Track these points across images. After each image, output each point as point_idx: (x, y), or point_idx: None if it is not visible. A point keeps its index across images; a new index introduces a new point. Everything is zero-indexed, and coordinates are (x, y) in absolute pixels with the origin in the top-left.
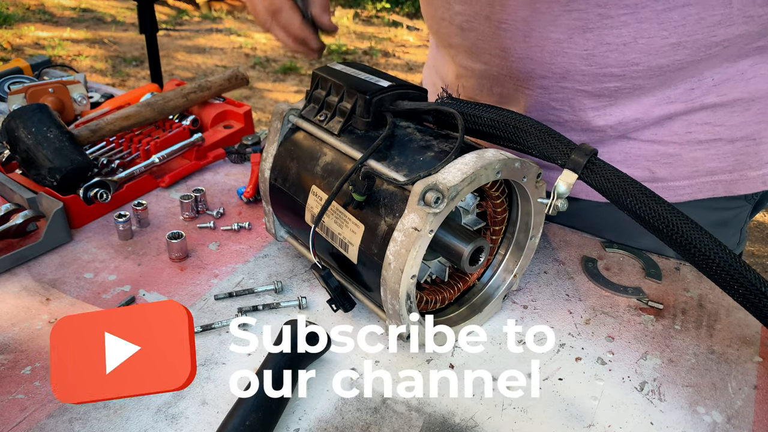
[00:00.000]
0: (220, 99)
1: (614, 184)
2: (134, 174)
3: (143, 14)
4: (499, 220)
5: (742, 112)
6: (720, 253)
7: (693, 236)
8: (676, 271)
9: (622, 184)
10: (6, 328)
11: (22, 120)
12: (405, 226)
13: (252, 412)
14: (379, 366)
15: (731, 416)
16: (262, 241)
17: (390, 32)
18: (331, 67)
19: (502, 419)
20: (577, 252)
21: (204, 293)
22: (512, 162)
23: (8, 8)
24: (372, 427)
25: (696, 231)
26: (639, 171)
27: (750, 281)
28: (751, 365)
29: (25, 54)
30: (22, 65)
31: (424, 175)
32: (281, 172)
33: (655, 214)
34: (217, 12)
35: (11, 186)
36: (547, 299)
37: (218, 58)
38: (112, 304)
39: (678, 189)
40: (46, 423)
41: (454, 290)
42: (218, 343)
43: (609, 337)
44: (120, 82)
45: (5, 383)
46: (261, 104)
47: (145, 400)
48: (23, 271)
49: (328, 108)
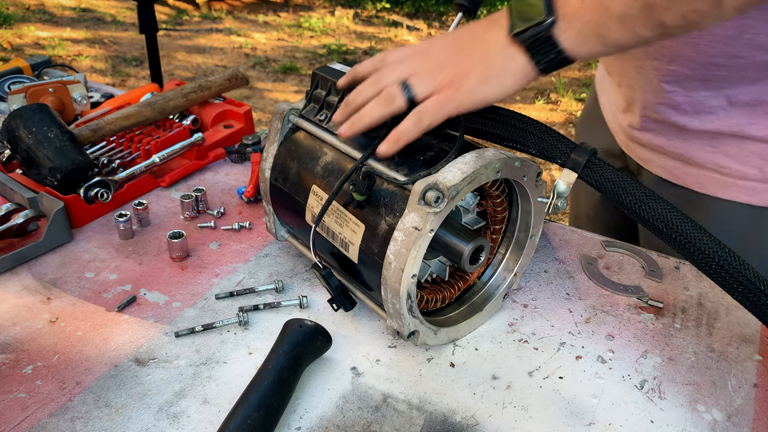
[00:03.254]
0: (220, 99)
1: (614, 184)
2: (135, 174)
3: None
4: (500, 219)
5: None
6: (719, 252)
7: (692, 235)
8: (676, 270)
9: (621, 183)
10: (7, 328)
11: (22, 120)
12: (405, 226)
13: (253, 411)
14: (380, 365)
15: (731, 414)
16: (262, 241)
17: (390, 32)
18: (331, 67)
19: (502, 418)
20: (577, 251)
21: (205, 293)
22: (512, 161)
23: (8, 8)
24: (373, 425)
25: (695, 230)
26: (749, 168)
27: (749, 279)
28: (750, 363)
29: (25, 54)
30: (22, 65)
31: (425, 174)
32: (282, 172)
33: (654, 212)
34: (217, 12)
35: (12, 186)
36: (548, 298)
37: (218, 58)
38: (113, 303)
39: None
40: (47, 422)
41: (454, 289)
42: (219, 342)
43: (609, 336)
44: (120, 82)
45: (6, 382)
46: (261, 104)
47: (146, 399)
48: (24, 271)
49: (328, 108)
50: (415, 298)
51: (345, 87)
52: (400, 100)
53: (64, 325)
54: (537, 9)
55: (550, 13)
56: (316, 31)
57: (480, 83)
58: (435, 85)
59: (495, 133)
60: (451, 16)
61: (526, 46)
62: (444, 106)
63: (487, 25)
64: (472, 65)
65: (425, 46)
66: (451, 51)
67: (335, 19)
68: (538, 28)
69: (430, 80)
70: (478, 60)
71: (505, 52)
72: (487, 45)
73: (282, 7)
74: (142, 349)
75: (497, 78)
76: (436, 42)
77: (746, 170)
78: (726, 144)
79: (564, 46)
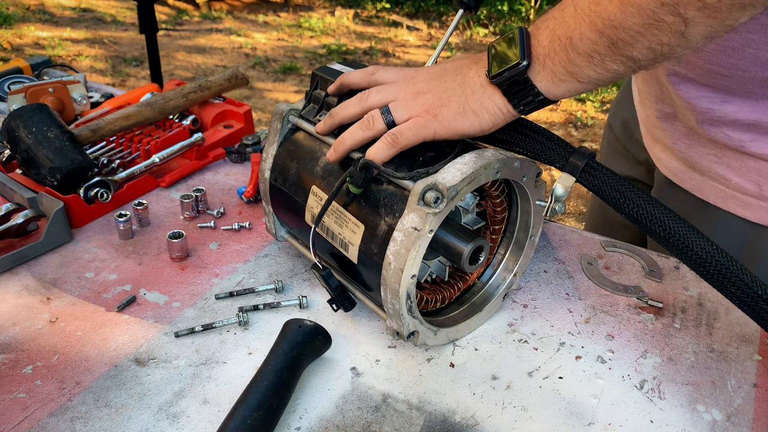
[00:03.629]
0: (220, 99)
1: (612, 188)
2: (135, 174)
3: (143, 14)
4: (499, 219)
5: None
6: (717, 256)
7: (690, 239)
8: (676, 270)
9: (619, 187)
10: (7, 328)
11: (22, 120)
12: (405, 226)
13: (253, 411)
14: (380, 365)
15: (731, 414)
16: (262, 241)
17: (390, 32)
18: (330, 68)
19: (502, 418)
20: (577, 251)
21: (205, 293)
22: (512, 161)
23: (8, 8)
24: (373, 425)
25: (693, 234)
26: (748, 183)
27: (747, 284)
28: (750, 363)
29: (25, 54)
30: (22, 65)
31: (424, 174)
32: (281, 172)
33: (652, 217)
34: (217, 12)
35: (12, 186)
36: (547, 298)
37: (218, 58)
38: (113, 303)
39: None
40: (47, 422)
41: (454, 289)
42: (219, 342)
43: (609, 336)
44: (120, 82)
45: (6, 382)
46: (261, 104)
47: (146, 399)
48: (24, 271)
49: (327, 108)
50: (414, 299)
51: (333, 94)
52: (379, 125)
53: (64, 325)
54: (513, 51)
55: (524, 56)
56: (316, 31)
57: (457, 115)
58: (412, 110)
59: (494, 136)
60: (451, 15)
61: (503, 89)
62: (419, 130)
63: (471, 61)
64: (452, 96)
65: (413, 73)
66: (433, 80)
67: (335, 19)
68: (513, 71)
69: (409, 105)
70: (457, 93)
71: (483, 91)
72: (468, 80)
73: (282, 7)
74: (141, 349)
75: (474, 113)
76: (422, 71)
77: (745, 185)
78: (728, 155)
79: (541, 88)
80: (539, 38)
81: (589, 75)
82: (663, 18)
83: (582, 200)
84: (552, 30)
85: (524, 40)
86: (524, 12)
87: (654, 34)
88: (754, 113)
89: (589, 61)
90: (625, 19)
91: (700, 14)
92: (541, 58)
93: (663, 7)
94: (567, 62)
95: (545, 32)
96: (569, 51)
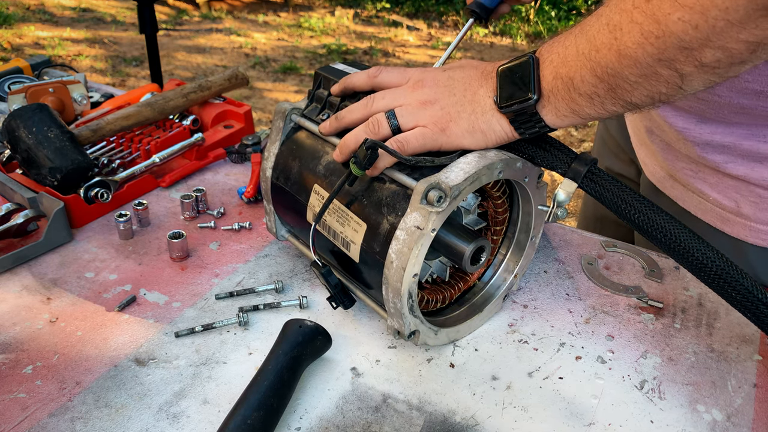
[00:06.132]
0: (220, 99)
1: (613, 194)
2: (135, 174)
3: (143, 14)
4: (500, 220)
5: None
6: (717, 261)
7: (690, 245)
8: (676, 270)
9: (621, 193)
10: (7, 328)
11: (22, 120)
12: (407, 225)
13: (253, 411)
14: (380, 365)
15: (731, 414)
16: (262, 241)
17: (390, 32)
18: (333, 67)
19: (502, 418)
20: (577, 251)
21: (205, 293)
22: (514, 162)
23: (8, 8)
24: (373, 425)
25: (693, 240)
26: (726, 200)
27: (747, 289)
28: (750, 363)
29: (25, 54)
30: (22, 65)
31: (429, 162)
32: (283, 171)
33: (653, 223)
34: (217, 12)
35: (12, 186)
36: (548, 299)
37: (218, 58)
38: (113, 303)
39: (761, 233)
40: (47, 422)
41: (454, 290)
42: (219, 342)
43: (609, 336)
44: (120, 82)
45: (6, 382)
46: (261, 104)
47: (146, 399)
48: (24, 271)
49: (330, 107)
50: (416, 298)
51: (337, 95)
52: (385, 129)
53: (64, 325)
54: (523, 83)
55: (535, 91)
56: (316, 31)
57: (465, 132)
58: (419, 119)
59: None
60: (450, 15)
61: (510, 118)
62: (426, 142)
63: (480, 75)
64: (461, 113)
65: (419, 75)
66: (441, 90)
67: (335, 19)
68: (523, 105)
69: (416, 113)
70: (467, 110)
71: (491, 114)
72: (478, 98)
73: (282, 7)
74: (141, 349)
75: (482, 133)
76: (428, 76)
77: (723, 201)
78: (705, 173)
79: (547, 121)
80: (544, 73)
81: (590, 114)
82: (659, 71)
83: (582, 200)
84: (555, 67)
85: (535, 72)
86: (524, 12)
87: (652, 84)
88: (729, 136)
89: (590, 102)
90: (623, 69)
91: (696, 71)
92: (546, 93)
93: (660, 62)
94: (569, 101)
95: (549, 67)
96: (571, 91)
